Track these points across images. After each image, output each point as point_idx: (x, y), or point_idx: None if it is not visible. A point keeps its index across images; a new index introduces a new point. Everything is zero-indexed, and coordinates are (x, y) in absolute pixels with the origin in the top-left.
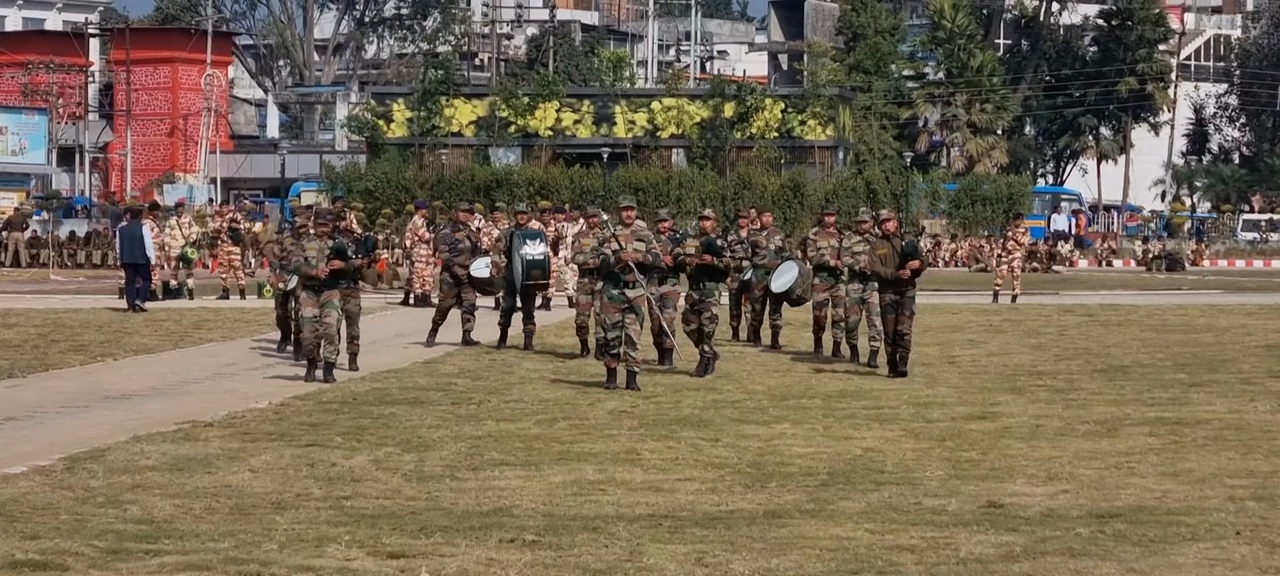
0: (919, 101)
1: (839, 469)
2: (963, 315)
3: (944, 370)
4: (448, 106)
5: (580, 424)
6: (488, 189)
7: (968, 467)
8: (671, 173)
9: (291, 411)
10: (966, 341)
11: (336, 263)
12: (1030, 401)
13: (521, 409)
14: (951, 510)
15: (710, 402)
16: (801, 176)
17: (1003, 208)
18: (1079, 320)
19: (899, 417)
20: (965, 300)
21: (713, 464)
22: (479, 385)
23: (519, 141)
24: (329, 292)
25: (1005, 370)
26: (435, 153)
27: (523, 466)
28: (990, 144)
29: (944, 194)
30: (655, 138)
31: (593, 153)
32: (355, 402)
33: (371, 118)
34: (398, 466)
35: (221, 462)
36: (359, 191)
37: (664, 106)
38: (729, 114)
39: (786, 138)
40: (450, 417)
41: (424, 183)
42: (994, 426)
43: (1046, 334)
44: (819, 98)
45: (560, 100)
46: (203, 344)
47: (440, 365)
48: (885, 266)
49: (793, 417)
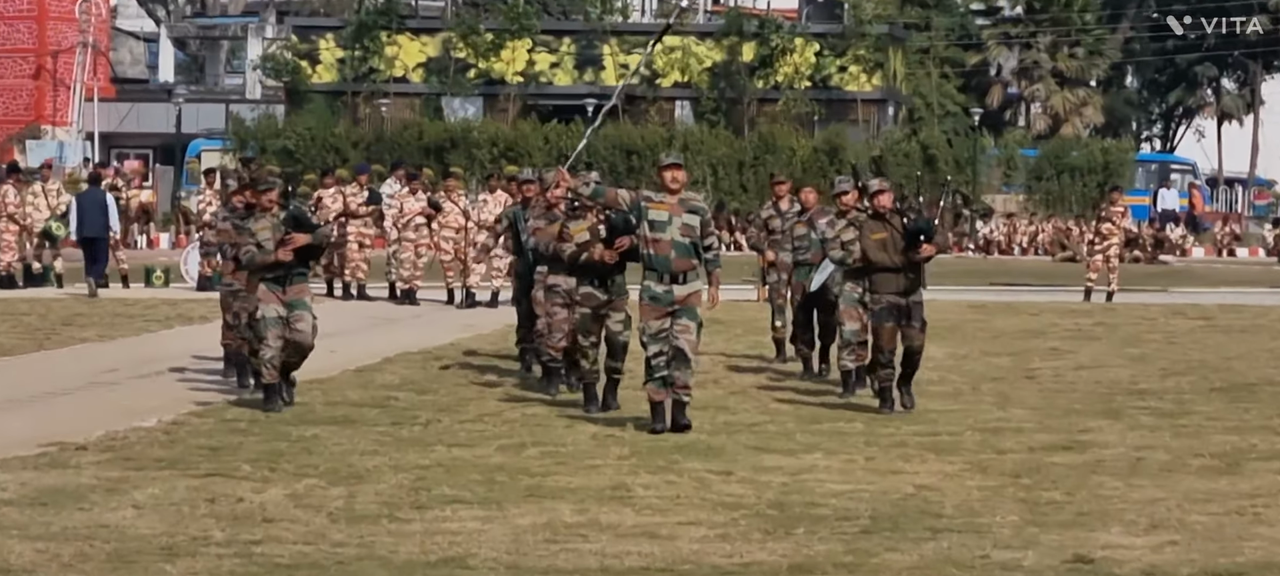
0: (991, 44)
1: (885, 512)
2: (1043, 316)
3: (1019, 387)
4: (389, 44)
5: (555, 451)
6: (439, 150)
7: (1048, 512)
8: (674, 131)
9: (187, 431)
10: (1048, 350)
11: (300, 237)
12: (1129, 427)
13: (480, 431)
14: (1027, 566)
15: (721, 425)
16: (840, 137)
17: (1096, 180)
18: (1192, 325)
19: (962, 447)
20: (1047, 297)
21: (724, 504)
22: (426, 400)
23: (480, 89)
24: (299, 286)
25: (1098, 387)
26: (373, 103)
27: (481, 504)
28: (1081, 99)
29: (1021, 162)
30: (654, 86)
31: (574, 105)
32: (268, 421)
33: (292, 58)
34: (322, 503)
35: (97, 496)
36: (275, 151)
37: (665, 47)
38: (748, 57)
39: (821, 88)
40: (389, 441)
41: (359, 141)
42: (1082, 459)
43: (1151, 342)
44: (863, 37)
45: (533, 38)
46: (74, 345)
47: (377, 374)
48: (887, 255)
49: (826, 445)
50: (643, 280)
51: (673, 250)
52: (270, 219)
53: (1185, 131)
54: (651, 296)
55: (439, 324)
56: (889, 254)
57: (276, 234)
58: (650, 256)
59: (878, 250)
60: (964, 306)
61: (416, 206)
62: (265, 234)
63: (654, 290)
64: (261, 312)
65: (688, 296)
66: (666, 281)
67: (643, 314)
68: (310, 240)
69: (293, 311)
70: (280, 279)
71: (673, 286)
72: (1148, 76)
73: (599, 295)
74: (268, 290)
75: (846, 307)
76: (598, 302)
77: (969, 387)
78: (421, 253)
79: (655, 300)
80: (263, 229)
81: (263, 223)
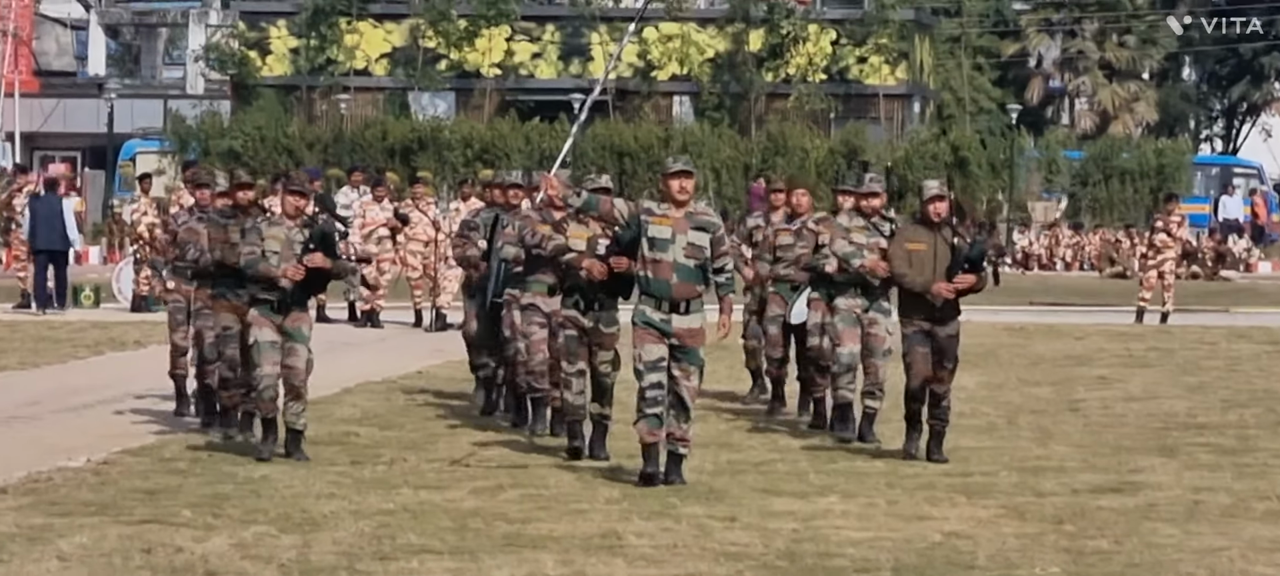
0: (1030, 31)
1: (909, 562)
2: (1090, 340)
3: (1062, 420)
4: (349, 32)
5: (536, 494)
6: (406, 152)
7: (1095, 562)
8: (672, 129)
9: (119, 472)
10: (1095, 379)
11: (319, 258)
12: (1186, 466)
13: (451, 472)
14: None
15: (724, 464)
16: (859, 137)
17: (1150, 186)
18: (1258, 349)
19: (996, 489)
20: (1094, 319)
21: (727, 553)
22: (390, 436)
23: (452, 83)
24: (297, 315)
25: (1150, 421)
26: (331, 98)
27: (453, 554)
28: (1132, 93)
29: (1064, 165)
30: (649, 79)
31: (558, 101)
32: (211, 460)
33: (239, 48)
34: (272, 554)
35: (17, 546)
36: (220, 153)
37: (662, 35)
38: (756, 46)
39: (838, 81)
40: (349, 483)
41: (315, 141)
42: (1134, 503)
43: (1211, 369)
44: (886, 24)
45: (511, 25)
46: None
47: (334, 407)
48: (918, 272)
49: (843, 487)
50: (637, 304)
51: (675, 274)
52: (285, 230)
53: (1250, 130)
54: (646, 321)
55: (405, 349)
56: (920, 270)
57: (289, 250)
58: (648, 280)
59: (905, 263)
60: (999, 329)
61: (380, 217)
62: (275, 245)
63: (649, 316)
64: (254, 337)
65: (690, 332)
66: (665, 309)
67: (636, 340)
68: (329, 266)
69: (287, 343)
70: (277, 304)
71: (672, 316)
72: (1208, 68)
73: (582, 320)
74: (260, 315)
75: (844, 328)
76: (580, 328)
77: (1005, 421)
78: (385, 268)
79: (651, 326)
80: (274, 238)
81: (276, 231)
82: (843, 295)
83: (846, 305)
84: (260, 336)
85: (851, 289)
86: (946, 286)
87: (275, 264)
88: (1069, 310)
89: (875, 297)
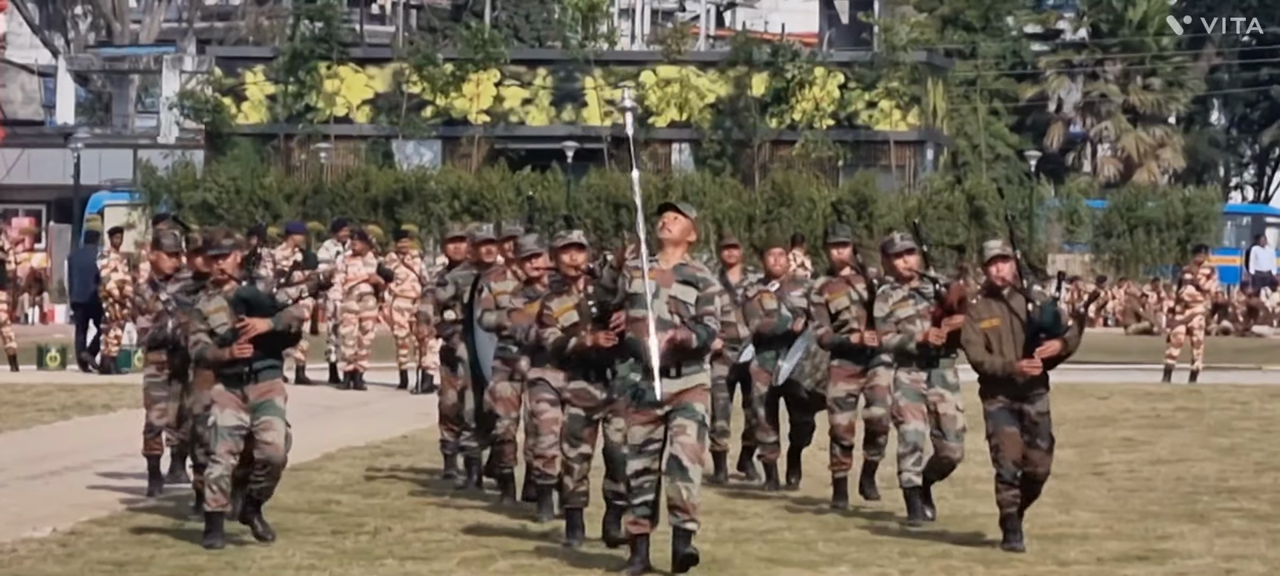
0: (1050, 74)
1: None
2: (1115, 400)
3: (1086, 485)
4: (329, 78)
5: (528, 565)
6: (390, 203)
7: None
8: (671, 179)
9: (87, 543)
10: (1120, 441)
11: (257, 323)
12: (1217, 534)
13: (439, 542)
14: None
15: (727, 532)
16: (869, 186)
17: (1177, 237)
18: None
19: (1017, 559)
20: (1118, 377)
21: None
22: (373, 504)
23: (438, 131)
24: (267, 385)
25: (1179, 485)
26: (310, 148)
27: None
28: (1158, 139)
29: (1087, 215)
30: (647, 126)
31: (551, 149)
32: (183, 530)
33: (214, 94)
34: None
35: None
36: (193, 205)
37: (660, 79)
38: (759, 91)
39: (847, 127)
40: (330, 554)
41: (293, 193)
42: (1162, 572)
43: (1243, 430)
44: (897, 67)
45: (501, 69)
46: None
47: (315, 474)
48: (998, 353)
49: (854, 556)
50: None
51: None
52: (223, 297)
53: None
54: (633, 391)
55: (390, 413)
56: (1000, 350)
57: (233, 318)
58: (631, 341)
59: (982, 348)
60: None
61: (362, 272)
62: (220, 318)
63: (634, 382)
64: (213, 419)
65: (682, 393)
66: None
67: (620, 414)
68: (271, 326)
69: (258, 418)
70: (241, 376)
71: (660, 381)
72: (1238, 112)
73: (595, 393)
74: (225, 391)
75: (906, 403)
76: (593, 403)
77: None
78: (368, 327)
79: (637, 397)
80: (216, 311)
81: (215, 303)
82: (904, 369)
83: (910, 380)
84: (220, 419)
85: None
86: (1029, 363)
87: (227, 336)
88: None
89: (934, 363)
